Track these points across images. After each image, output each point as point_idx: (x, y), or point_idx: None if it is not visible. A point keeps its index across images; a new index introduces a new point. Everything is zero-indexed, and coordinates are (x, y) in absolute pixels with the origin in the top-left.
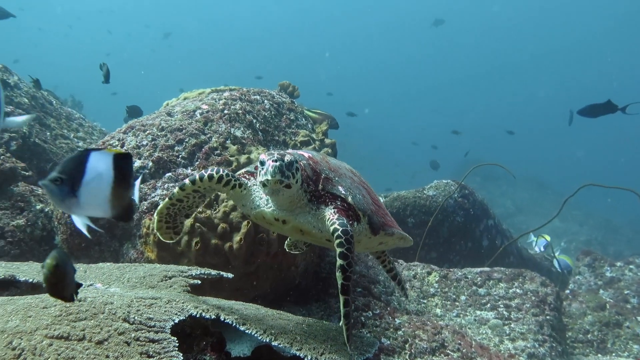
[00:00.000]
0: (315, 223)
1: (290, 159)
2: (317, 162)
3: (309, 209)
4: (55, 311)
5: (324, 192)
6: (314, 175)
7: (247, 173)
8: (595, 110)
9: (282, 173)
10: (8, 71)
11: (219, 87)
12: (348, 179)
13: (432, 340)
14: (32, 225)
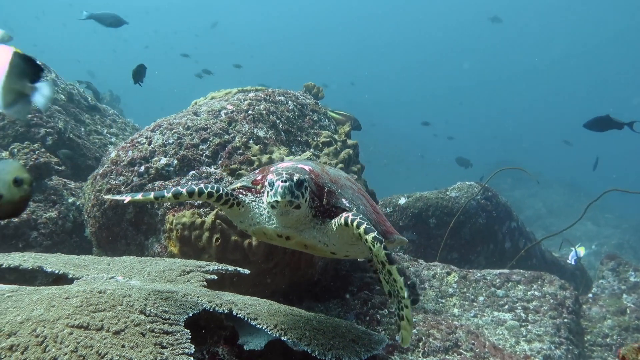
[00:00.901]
0: (321, 237)
1: (300, 178)
2: (318, 175)
3: (313, 224)
4: (77, 302)
5: (328, 206)
6: (317, 190)
7: (244, 188)
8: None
9: (292, 194)
10: (46, 68)
11: (246, 87)
12: (349, 190)
13: (445, 340)
14: (64, 217)
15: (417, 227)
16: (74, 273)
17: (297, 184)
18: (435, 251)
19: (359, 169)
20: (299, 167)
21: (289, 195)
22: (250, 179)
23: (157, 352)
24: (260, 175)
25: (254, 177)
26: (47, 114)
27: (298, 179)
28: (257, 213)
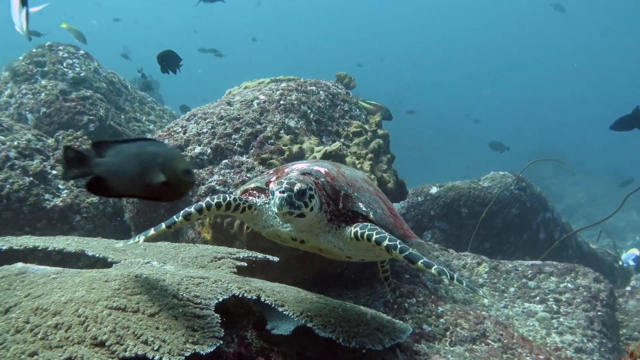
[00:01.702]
0: (336, 242)
1: (301, 188)
2: (334, 177)
3: (329, 228)
4: (115, 285)
5: (344, 210)
6: (333, 194)
7: (257, 189)
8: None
9: (290, 204)
10: (89, 57)
11: (278, 76)
12: (366, 192)
13: (473, 330)
14: (105, 202)
15: (449, 216)
16: (112, 257)
17: (298, 194)
18: (466, 241)
19: (389, 158)
20: (315, 169)
21: (287, 207)
22: (264, 180)
23: (189, 334)
24: (275, 176)
25: (267, 177)
26: (90, 102)
27: (299, 189)
28: (271, 215)
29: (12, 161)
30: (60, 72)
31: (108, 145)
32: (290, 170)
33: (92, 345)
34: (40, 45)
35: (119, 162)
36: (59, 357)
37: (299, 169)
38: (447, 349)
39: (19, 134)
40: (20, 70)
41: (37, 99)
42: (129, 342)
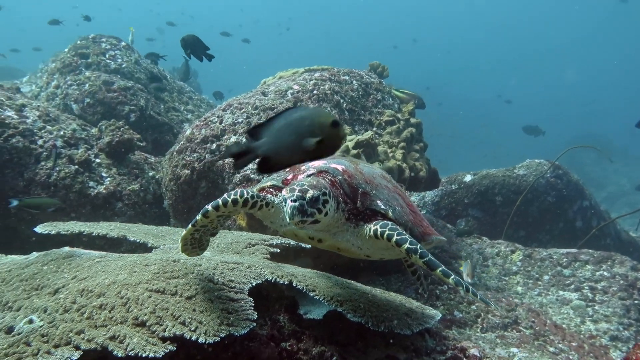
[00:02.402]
0: (355, 241)
1: (314, 195)
2: (352, 175)
3: (347, 227)
4: (155, 269)
5: (363, 208)
6: (351, 192)
7: (274, 187)
8: None
9: (302, 213)
10: (130, 48)
11: (313, 66)
12: (384, 189)
13: (505, 317)
14: (145, 190)
15: (483, 204)
16: (152, 242)
17: (311, 201)
18: (500, 229)
19: (422, 147)
20: (332, 167)
21: (299, 216)
22: (281, 178)
23: (224, 316)
24: (291, 174)
25: (284, 175)
26: (131, 93)
27: (311, 196)
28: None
29: (59, 150)
30: (103, 63)
31: (261, 128)
32: (307, 167)
33: (133, 325)
34: (84, 38)
35: (274, 139)
36: (103, 336)
37: (315, 167)
38: (478, 335)
39: (64, 124)
40: (65, 61)
41: (82, 90)
42: (168, 323)
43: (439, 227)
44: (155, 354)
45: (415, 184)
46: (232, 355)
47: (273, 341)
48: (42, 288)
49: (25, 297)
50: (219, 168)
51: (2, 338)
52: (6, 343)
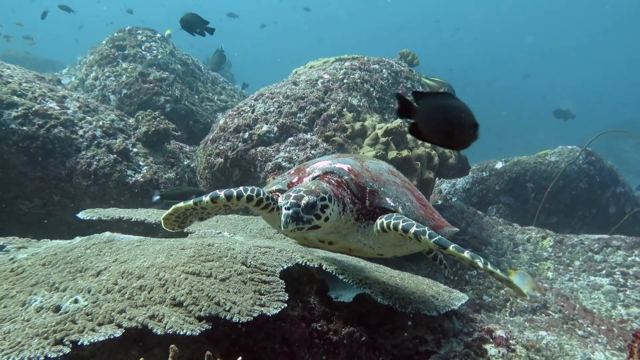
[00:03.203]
0: (366, 241)
1: (309, 202)
2: (358, 174)
3: (357, 227)
4: (190, 252)
5: (372, 207)
6: (358, 192)
7: (280, 191)
8: None
9: (297, 220)
10: (165, 40)
11: (343, 55)
12: (392, 186)
13: (534, 301)
14: (180, 178)
15: (514, 191)
16: (188, 228)
17: (307, 208)
18: (532, 216)
19: None
20: (337, 167)
21: (293, 224)
22: (286, 182)
23: (256, 297)
24: (296, 177)
25: (289, 179)
26: (166, 84)
27: (307, 203)
28: None
29: (98, 140)
30: (140, 55)
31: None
32: (312, 169)
33: (171, 305)
34: (120, 30)
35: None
36: (143, 315)
37: (321, 168)
38: (506, 319)
39: (103, 114)
40: (103, 53)
41: (119, 81)
42: (204, 303)
43: (469, 214)
44: (192, 332)
45: (445, 170)
46: (265, 335)
47: (304, 322)
48: (85, 270)
49: (70, 278)
50: (252, 156)
51: (50, 316)
52: (54, 321)
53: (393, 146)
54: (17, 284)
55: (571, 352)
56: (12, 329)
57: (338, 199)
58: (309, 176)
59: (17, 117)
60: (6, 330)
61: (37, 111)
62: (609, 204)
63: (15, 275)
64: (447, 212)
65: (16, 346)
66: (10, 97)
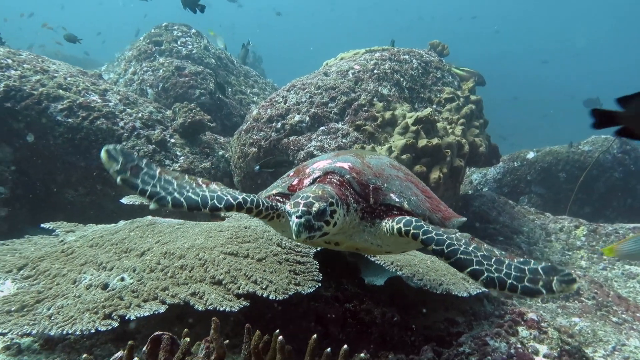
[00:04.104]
0: (373, 240)
1: (320, 208)
2: (360, 171)
3: (362, 227)
4: (228, 234)
5: (376, 205)
6: (361, 190)
7: (280, 195)
8: None
9: (309, 229)
10: (200, 35)
11: (373, 47)
12: (396, 180)
13: None
14: (215, 167)
15: (546, 181)
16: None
17: (318, 215)
18: (564, 206)
19: (482, 123)
20: (338, 166)
21: (305, 233)
22: (286, 185)
23: (292, 277)
24: (296, 179)
25: (289, 181)
26: (201, 77)
27: (317, 209)
28: None
29: (138, 131)
30: (175, 49)
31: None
32: (312, 170)
33: (211, 284)
34: (157, 26)
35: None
36: (185, 292)
37: (321, 169)
38: (538, 305)
39: (142, 107)
40: (141, 49)
41: (156, 75)
42: (241, 282)
43: (500, 203)
44: (231, 309)
45: (475, 159)
46: (300, 313)
47: (337, 302)
48: (130, 251)
49: (117, 258)
50: (284, 145)
51: (99, 293)
52: (103, 297)
53: (423, 134)
54: (67, 264)
55: (605, 338)
56: (65, 304)
57: (341, 200)
58: (309, 177)
59: (62, 110)
60: (60, 305)
61: (81, 104)
62: None
63: (65, 256)
64: (478, 202)
65: (69, 320)
66: (57, 91)
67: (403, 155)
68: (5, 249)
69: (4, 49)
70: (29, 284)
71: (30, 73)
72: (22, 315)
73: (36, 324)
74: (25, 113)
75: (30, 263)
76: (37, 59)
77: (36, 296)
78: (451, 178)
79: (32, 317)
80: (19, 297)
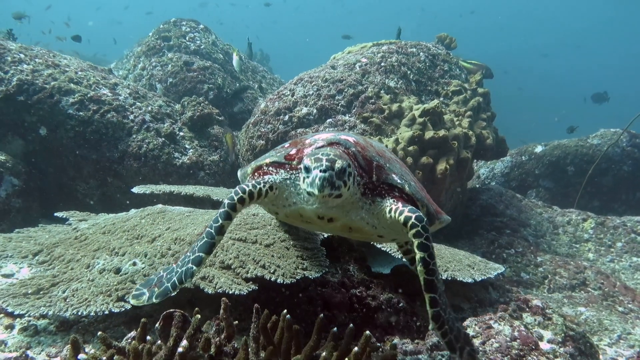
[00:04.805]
0: (370, 219)
1: (342, 166)
2: (364, 147)
3: (362, 203)
4: (237, 221)
5: (378, 183)
6: (365, 165)
7: (274, 165)
8: None
9: (332, 185)
10: (208, 30)
11: (380, 40)
12: (397, 163)
13: (572, 278)
14: (224, 161)
15: (554, 175)
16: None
17: (339, 173)
18: (573, 199)
19: (489, 116)
20: (343, 138)
21: (329, 188)
22: (282, 154)
23: (299, 262)
24: (294, 149)
25: (285, 151)
26: (209, 72)
27: (340, 167)
28: (293, 192)
29: (148, 124)
30: (184, 45)
31: None
32: (314, 140)
33: (220, 268)
34: (166, 22)
35: None
36: (195, 276)
37: (324, 139)
38: (544, 295)
39: (152, 100)
40: (150, 44)
41: (165, 70)
42: (250, 266)
43: (507, 196)
44: (239, 292)
45: (482, 151)
46: (307, 298)
47: (344, 287)
48: (141, 237)
49: (128, 244)
50: (292, 138)
51: (112, 277)
52: (115, 281)
53: (430, 126)
54: (81, 250)
55: (610, 327)
56: (80, 287)
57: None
58: (311, 147)
59: (74, 104)
60: (74, 288)
61: (92, 97)
62: None
63: (79, 242)
64: (486, 195)
65: (84, 302)
66: (68, 85)
67: (410, 146)
68: (21, 236)
69: (17, 44)
70: (44, 269)
71: (42, 67)
72: (39, 298)
73: (52, 305)
74: (38, 107)
75: (45, 249)
76: (48, 54)
77: (51, 280)
78: (458, 170)
79: (48, 300)
80: (35, 281)
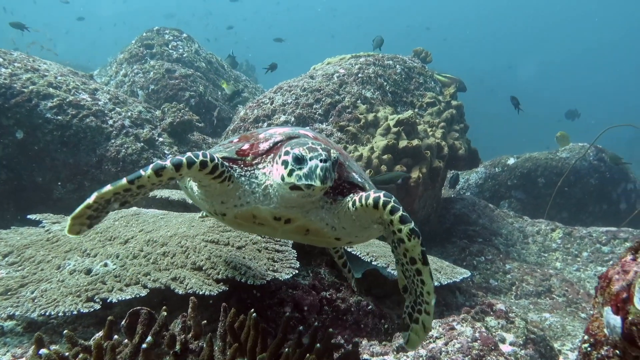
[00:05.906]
0: (330, 219)
1: (337, 156)
2: (325, 142)
3: (323, 202)
4: (210, 223)
5: (340, 181)
6: None
7: (226, 159)
8: None
9: (331, 177)
10: (191, 39)
11: (359, 52)
12: (354, 162)
13: (539, 285)
14: None
15: (525, 186)
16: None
17: (335, 164)
18: (543, 210)
19: (462, 128)
20: (301, 132)
21: (329, 180)
22: (233, 149)
23: (270, 264)
24: (247, 144)
25: (236, 146)
26: (191, 80)
27: (336, 157)
28: (247, 190)
29: (127, 129)
30: (167, 53)
31: None
32: (270, 135)
33: (192, 269)
34: (149, 30)
35: None
36: (166, 277)
37: (282, 133)
38: (512, 301)
39: (131, 106)
40: (132, 52)
41: (147, 77)
42: (221, 267)
43: (480, 206)
44: (210, 292)
45: (454, 161)
46: (278, 300)
47: (314, 290)
48: (114, 239)
49: (101, 246)
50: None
51: (82, 277)
52: (86, 281)
53: (404, 136)
54: (52, 251)
55: (573, 333)
56: (49, 288)
57: None
58: (268, 142)
59: (52, 108)
60: (43, 288)
61: (71, 102)
62: (620, 200)
63: (50, 244)
64: (459, 205)
65: (52, 302)
66: (47, 89)
67: (384, 155)
68: None
69: None
70: (13, 270)
71: (21, 71)
72: (6, 299)
73: (19, 306)
74: (15, 110)
75: (16, 250)
76: (27, 59)
77: (20, 281)
78: (431, 178)
79: (16, 300)
80: (3, 282)
